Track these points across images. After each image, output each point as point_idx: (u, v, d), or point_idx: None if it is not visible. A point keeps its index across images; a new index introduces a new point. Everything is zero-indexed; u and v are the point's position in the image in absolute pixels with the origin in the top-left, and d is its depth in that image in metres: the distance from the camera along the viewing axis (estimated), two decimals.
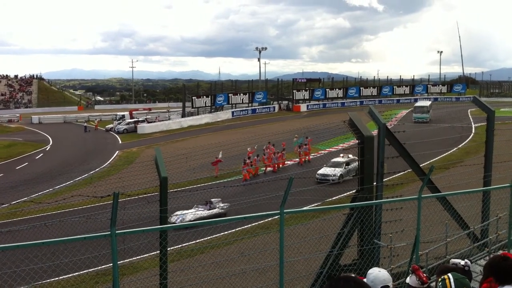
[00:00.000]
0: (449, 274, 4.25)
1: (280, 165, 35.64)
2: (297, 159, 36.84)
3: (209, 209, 23.53)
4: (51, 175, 32.91)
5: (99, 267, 14.01)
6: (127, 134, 57.31)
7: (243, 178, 31.42)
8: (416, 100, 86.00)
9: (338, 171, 30.03)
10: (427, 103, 62.56)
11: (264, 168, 34.38)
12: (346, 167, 30.74)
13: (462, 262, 5.10)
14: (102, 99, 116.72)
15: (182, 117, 65.76)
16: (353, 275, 4.82)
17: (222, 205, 24.20)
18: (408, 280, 4.73)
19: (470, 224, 11.37)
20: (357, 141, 10.47)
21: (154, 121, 63.17)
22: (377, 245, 9.78)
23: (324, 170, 30.13)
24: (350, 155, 31.03)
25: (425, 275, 4.68)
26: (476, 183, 12.54)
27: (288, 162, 36.67)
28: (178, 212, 22.25)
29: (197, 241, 16.20)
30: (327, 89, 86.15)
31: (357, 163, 29.55)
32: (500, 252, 9.02)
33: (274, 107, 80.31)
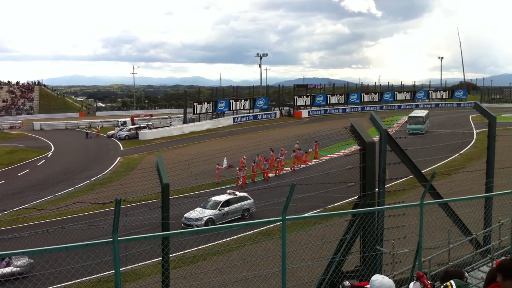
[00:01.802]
0: (452, 281, 4.25)
1: (279, 172, 35.56)
2: (296, 166, 36.86)
3: (4, 266, 18.01)
4: (52, 181, 32.93)
5: (101, 274, 14.00)
6: (129, 140, 57.37)
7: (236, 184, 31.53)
8: (417, 106, 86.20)
9: (207, 213, 24.26)
10: (422, 113, 57.99)
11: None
12: (222, 208, 24.65)
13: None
14: (103, 105, 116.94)
15: (184, 123, 65.84)
16: (347, 282, 4.81)
17: (22, 261, 18.33)
18: (411, 286, 4.72)
19: (473, 231, 11.33)
20: (358, 147, 10.45)
21: (150, 128, 62.76)
22: (380, 252, 9.75)
23: (191, 213, 24.29)
24: (237, 193, 26.32)
25: (429, 282, 4.68)
26: (478, 189, 12.51)
27: (288, 168, 36.66)
28: None
29: (199, 247, 16.19)
30: (328, 95, 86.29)
31: (244, 202, 25.61)
32: (504, 258, 9.00)
33: (275, 113, 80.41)
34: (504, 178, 13.12)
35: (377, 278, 4.30)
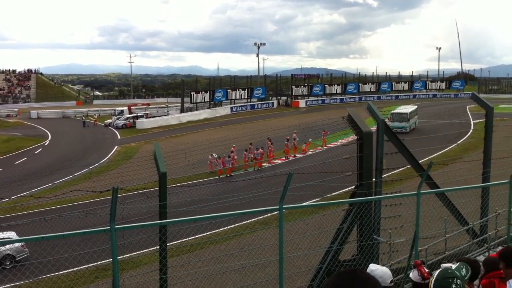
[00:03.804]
0: (435, 273, 4.27)
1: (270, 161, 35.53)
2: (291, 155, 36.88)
3: None
4: (50, 170, 32.91)
5: (99, 262, 14.02)
6: (126, 129, 57.26)
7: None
8: (415, 97, 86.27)
9: None
10: (408, 109, 52.58)
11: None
12: None
13: (454, 266, 5.11)
14: (100, 94, 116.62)
15: (181, 112, 65.73)
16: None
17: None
18: (411, 275, 4.73)
19: (469, 220, 11.39)
20: (356, 137, 10.46)
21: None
22: (377, 241, 9.80)
23: None
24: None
25: (426, 270, 4.69)
26: (475, 179, 12.56)
27: (278, 161, 36.65)
28: None
29: (197, 236, 16.18)
30: (326, 85, 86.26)
31: (5, 247, 16.41)
32: (500, 247, 9.04)
33: (272, 103, 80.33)
34: (501, 168, 13.14)
35: (377, 267, 4.29)
